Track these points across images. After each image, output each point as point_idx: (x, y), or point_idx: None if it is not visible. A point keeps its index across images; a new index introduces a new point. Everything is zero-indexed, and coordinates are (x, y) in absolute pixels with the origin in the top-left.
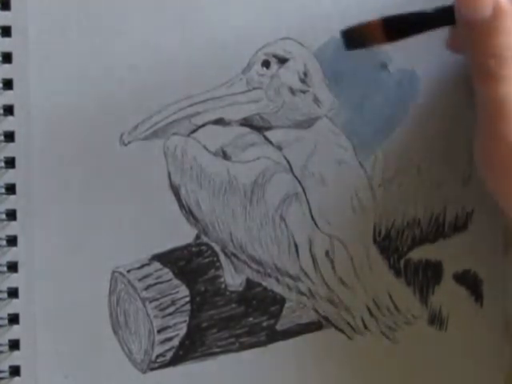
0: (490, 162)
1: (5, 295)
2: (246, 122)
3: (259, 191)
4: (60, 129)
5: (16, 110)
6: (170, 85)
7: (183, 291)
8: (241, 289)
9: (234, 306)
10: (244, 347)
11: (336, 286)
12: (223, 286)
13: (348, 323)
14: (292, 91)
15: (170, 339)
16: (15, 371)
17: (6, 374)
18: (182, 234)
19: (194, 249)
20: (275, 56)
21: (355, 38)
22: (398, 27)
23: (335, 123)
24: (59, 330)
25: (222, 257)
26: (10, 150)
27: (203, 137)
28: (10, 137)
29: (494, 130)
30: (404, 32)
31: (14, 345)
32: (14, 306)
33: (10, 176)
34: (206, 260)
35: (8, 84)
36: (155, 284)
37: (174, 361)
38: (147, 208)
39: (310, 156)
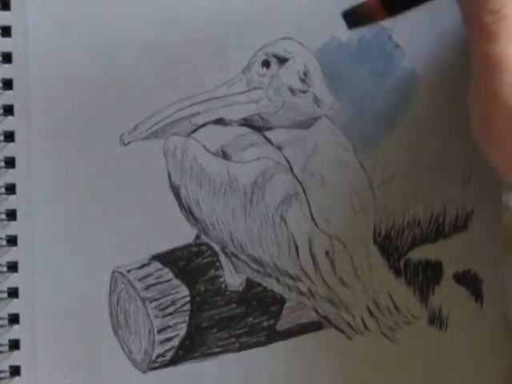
0: (483, 124)
1: (5, 295)
2: (245, 122)
3: (259, 191)
4: (60, 129)
5: (16, 110)
6: (170, 85)
7: (183, 291)
8: (241, 289)
9: (233, 306)
10: (244, 347)
11: (336, 286)
12: (223, 286)
13: (348, 323)
14: (292, 91)
15: (170, 339)
16: (15, 371)
17: (6, 374)
18: (182, 234)
19: (194, 249)
20: (275, 56)
21: (356, 17)
22: (395, 1)
23: (335, 123)
24: (59, 329)
25: (221, 257)
26: (9, 149)
27: (203, 137)
28: (9, 137)
29: (487, 89)
30: (402, 5)
31: (14, 345)
32: (14, 306)
33: (9, 176)
34: (206, 260)
35: (8, 84)
36: (155, 284)
37: (174, 361)
38: (147, 208)
39: (310, 156)
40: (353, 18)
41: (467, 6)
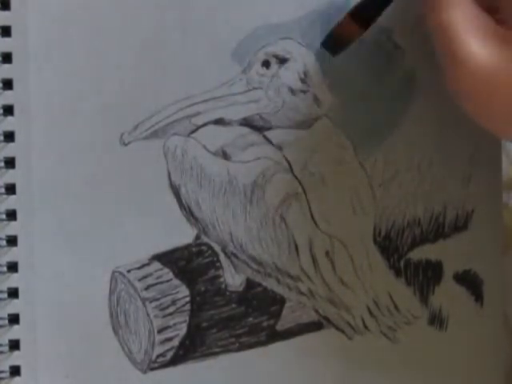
0: (458, 89)
1: (5, 295)
2: (245, 122)
3: (259, 191)
4: (60, 129)
5: (16, 110)
6: (170, 85)
7: (183, 291)
8: (241, 289)
9: (234, 306)
10: (244, 347)
11: (336, 286)
12: (223, 285)
13: (348, 323)
14: (292, 91)
15: (170, 339)
16: (15, 371)
17: (7, 374)
18: (182, 234)
19: (194, 249)
20: (275, 56)
21: (335, 42)
22: (363, 15)
23: (335, 123)
24: (59, 330)
25: (222, 257)
26: (9, 149)
27: (203, 137)
28: (9, 137)
29: (451, 57)
30: (370, 17)
31: (14, 345)
32: (14, 306)
33: (9, 176)
34: (206, 260)
35: (8, 84)
36: (155, 284)
37: (174, 361)
38: (147, 208)
39: (310, 156)
40: (333, 44)
41: None
